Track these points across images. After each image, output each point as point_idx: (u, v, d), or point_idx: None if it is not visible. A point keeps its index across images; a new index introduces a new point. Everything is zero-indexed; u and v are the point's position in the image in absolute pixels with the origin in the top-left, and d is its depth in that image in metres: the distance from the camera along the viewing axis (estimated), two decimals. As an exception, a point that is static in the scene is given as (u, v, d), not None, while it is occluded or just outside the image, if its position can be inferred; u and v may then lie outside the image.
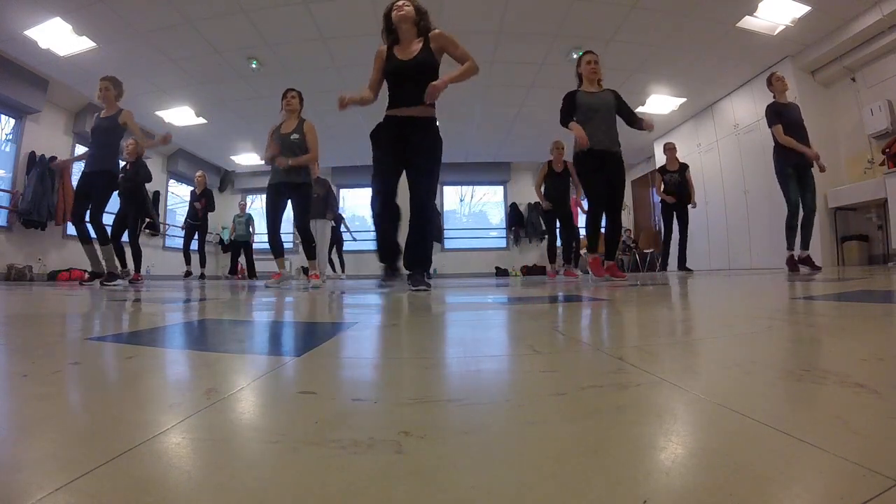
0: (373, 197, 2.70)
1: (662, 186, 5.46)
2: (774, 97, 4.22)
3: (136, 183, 5.01)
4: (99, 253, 4.02)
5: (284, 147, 3.71)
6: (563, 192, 5.14)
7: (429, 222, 2.66)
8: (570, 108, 3.53)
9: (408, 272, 2.69)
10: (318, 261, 5.82)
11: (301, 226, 3.88)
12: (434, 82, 2.43)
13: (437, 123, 2.69)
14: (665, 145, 5.74)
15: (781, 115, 4.10)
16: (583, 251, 7.36)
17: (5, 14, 4.66)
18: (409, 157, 2.61)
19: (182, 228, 7.33)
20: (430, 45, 2.59)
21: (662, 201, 5.56)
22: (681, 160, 5.66)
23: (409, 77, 2.55)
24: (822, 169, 4.12)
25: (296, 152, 3.73)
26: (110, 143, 3.96)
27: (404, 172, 2.70)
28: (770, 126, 4.15)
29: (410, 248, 2.66)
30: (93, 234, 3.95)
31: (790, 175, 4.09)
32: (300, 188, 3.79)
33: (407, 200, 2.62)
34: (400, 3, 2.60)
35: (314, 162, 3.91)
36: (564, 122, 3.54)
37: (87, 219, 3.96)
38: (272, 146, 3.74)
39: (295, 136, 3.74)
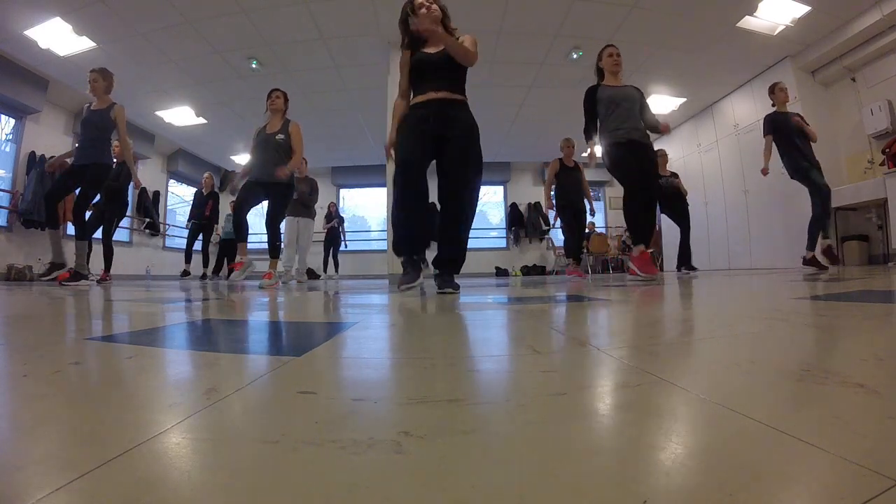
0: (396, 176, 2.35)
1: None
2: (774, 106, 4.26)
3: (120, 184, 4.91)
4: (72, 248, 3.90)
5: (269, 146, 3.70)
6: (577, 186, 5.08)
7: (463, 215, 2.37)
8: (592, 106, 3.38)
9: (435, 271, 2.45)
10: (301, 259, 5.82)
11: (273, 222, 3.86)
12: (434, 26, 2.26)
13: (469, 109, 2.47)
14: (657, 152, 5.73)
15: (776, 127, 4.17)
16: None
17: (5, 14, 4.66)
18: (440, 139, 2.34)
19: (185, 227, 7.32)
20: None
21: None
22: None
23: (438, 66, 2.39)
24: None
25: (280, 152, 3.72)
26: (101, 137, 3.81)
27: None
28: (763, 134, 4.24)
29: (441, 243, 2.44)
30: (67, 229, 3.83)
31: (808, 168, 4.11)
32: (279, 187, 3.75)
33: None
34: (421, 1, 2.43)
35: (297, 165, 3.90)
36: (587, 127, 3.40)
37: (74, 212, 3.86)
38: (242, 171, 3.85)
39: (280, 136, 3.73)
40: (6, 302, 1.96)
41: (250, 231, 3.90)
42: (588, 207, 5.16)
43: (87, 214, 4.14)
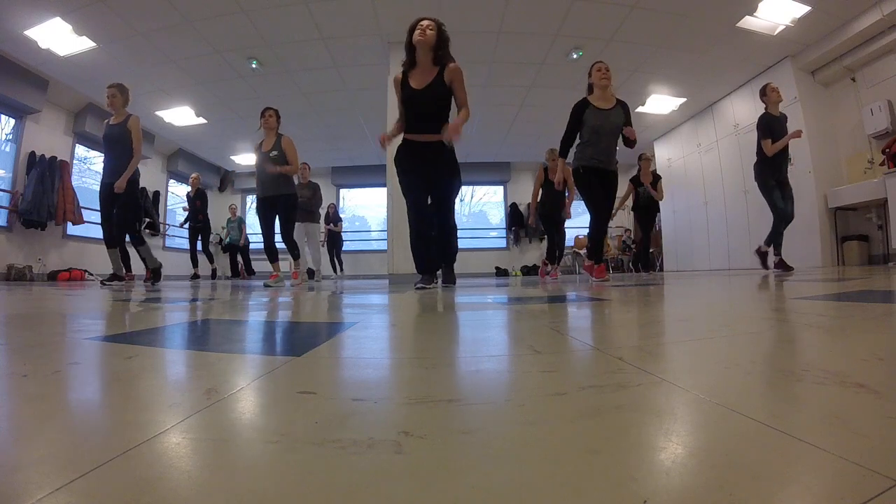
0: (408, 213, 2.97)
1: (632, 199, 5.67)
2: (766, 108, 4.23)
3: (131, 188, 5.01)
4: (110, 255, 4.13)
5: (266, 163, 3.94)
6: (558, 198, 5.14)
7: (451, 224, 3.02)
8: (576, 125, 3.45)
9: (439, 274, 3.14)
10: (314, 260, 6.06)
11: (286, 237, 4.14)
12: (454, 126, 2.65)
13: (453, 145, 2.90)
14: (640, 156, 5.73)
15: (772, 131, 4.16)
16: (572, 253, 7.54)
17: (5, 14, 4.66)
18: (431, 177, 2.89)
19: (181, 227, 7.40)
20: (444, 77, 2.70)
21: (635, 209, 5.91)
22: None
23: (424, 105, 2.74)
24: (797, 135, 4.18)
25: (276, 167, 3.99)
26: (125, 150, 3.99)
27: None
28: (761, 138, 4.20)
29: (440, 247, 3.06)
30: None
31: (773, 187, 4.21)
32: (284, 199, 4.02)
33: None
34: (425, 24, 2.65)
35: (295, 172, 4.14)
36: (565, 143, 3.50)
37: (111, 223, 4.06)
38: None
39: (274, 152, 3.96)
40: (6, 302, 1.96)
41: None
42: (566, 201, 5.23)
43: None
